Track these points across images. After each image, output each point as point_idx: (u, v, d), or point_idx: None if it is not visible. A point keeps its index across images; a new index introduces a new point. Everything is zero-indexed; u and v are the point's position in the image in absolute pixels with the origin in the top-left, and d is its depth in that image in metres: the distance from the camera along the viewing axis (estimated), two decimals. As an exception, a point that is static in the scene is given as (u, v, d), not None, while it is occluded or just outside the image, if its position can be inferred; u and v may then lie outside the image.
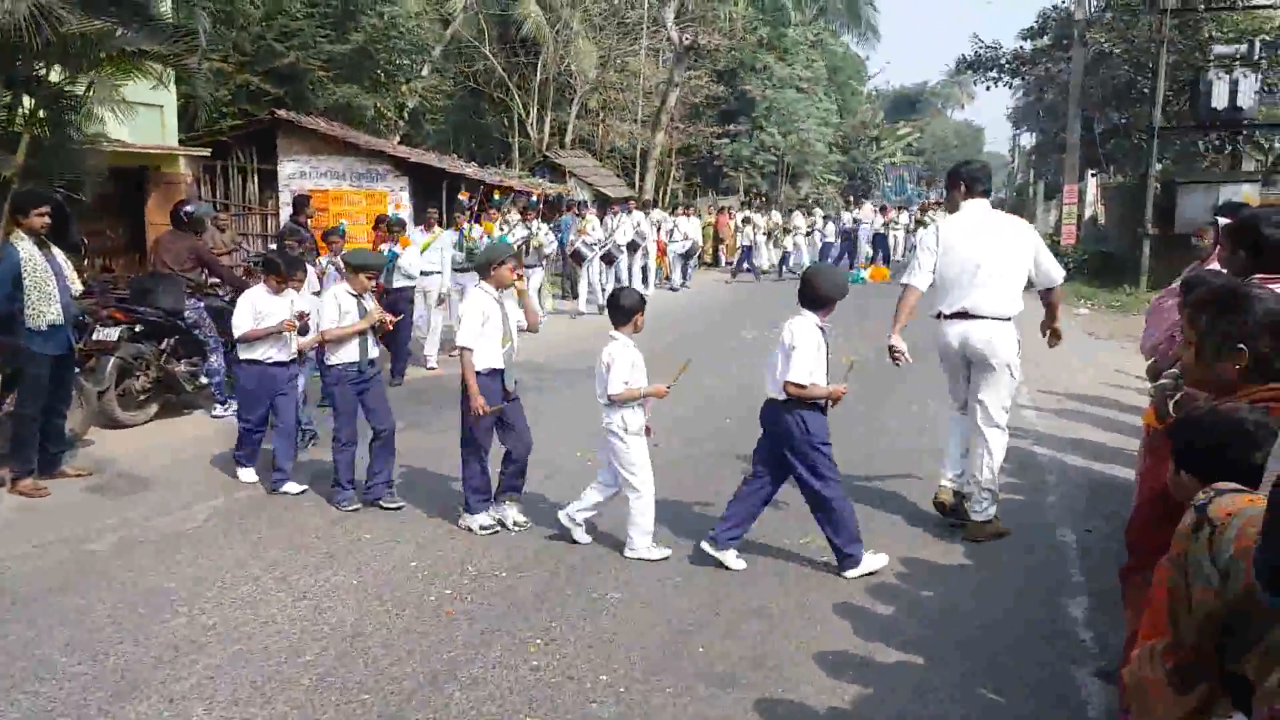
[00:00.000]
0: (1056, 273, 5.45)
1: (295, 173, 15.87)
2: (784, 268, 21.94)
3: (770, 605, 4.46)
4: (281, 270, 6.32)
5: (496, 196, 16.77)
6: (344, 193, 15.57)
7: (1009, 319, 5.24)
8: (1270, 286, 2.70)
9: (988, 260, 5.19)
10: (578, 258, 15.62)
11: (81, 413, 6.91)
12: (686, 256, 19.71)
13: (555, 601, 4.48)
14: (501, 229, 13.20)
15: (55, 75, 7.85)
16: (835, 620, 4.31)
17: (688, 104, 28.55)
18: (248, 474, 6.30)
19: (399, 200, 15.63)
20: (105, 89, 7.67)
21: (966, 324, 5.24)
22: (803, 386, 4.64)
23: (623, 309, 5.04)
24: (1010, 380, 5.34)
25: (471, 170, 18.55)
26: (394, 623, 4.25)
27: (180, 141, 12.76)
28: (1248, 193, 14.89)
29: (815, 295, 4.76)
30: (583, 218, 16.76)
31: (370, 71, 18.76)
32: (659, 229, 19.32)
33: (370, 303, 5.94)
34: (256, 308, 6.21)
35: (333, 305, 5.84)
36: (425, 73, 21.32)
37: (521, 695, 3.65)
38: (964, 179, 5.48)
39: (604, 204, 20.29)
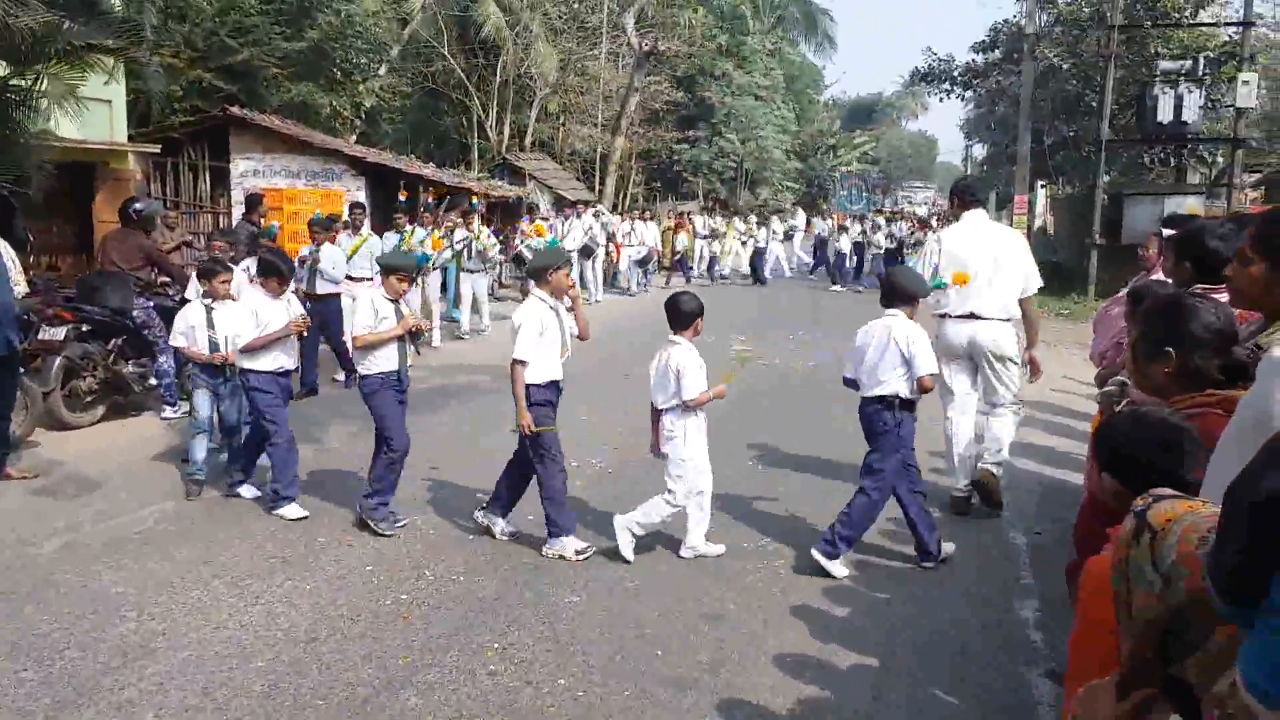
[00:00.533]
0: (1034, 281, 5.91)
1: (248, 170, 15.62)
2: (714, 271, 22.23)
3: (728, 609, 4.48)
4: (282, 273, 5.94)
5: (431, 200, 16.25)
6: (298, 192, 15.36)
7: (1009, 320, 5.83)
8: (1214, 297, 2.79)
9: (990, 265, 5.69)
10: (519, 261, 15.12)
11: (27, 414, 6.74)
12: (643, 262, 19.57)
13: (513, 606, 4.46)
14: (441, 232, 12.71)
15: (1, 69, 7.66)
16: (792, 623, 4.35)
17: (648, 109, 28.66)
18: (250, 490, 5.95)
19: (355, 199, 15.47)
20: (58, 86, 7.49)
21: (975, 324, 5.76)
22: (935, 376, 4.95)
23: (684, 314, 5.01)
24: (1019, 370, 5.95)
25: (430, 171, 18.40)
26: (349, 628, 4.20)
27: (130, 138, 12.50)
28: (1192, 205, 15.31)
29: (906, 293, 5.02)
30: (532, 221, 16.46)
31: (326, 70, 18.55)
32: (613, 233, 19.23)
33: (405, 307, 5.61)
34: (259, 315, 5.79)
35: (368, 310, 5.44)
36: (383, 72, 21.12)
37: (479, 700, 3.63)
38: (960, 193, 6.16)
39: (561, 207, 20.11)
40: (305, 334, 6.19)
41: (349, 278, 9.64)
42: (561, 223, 17.17)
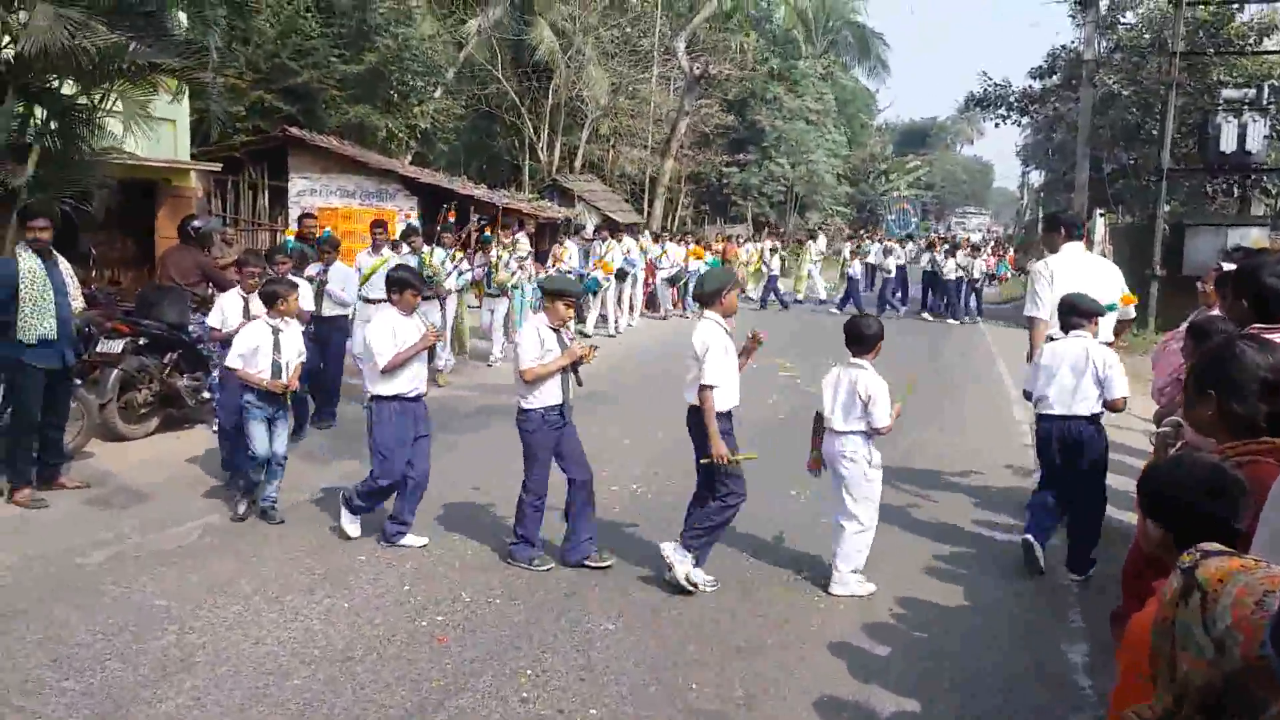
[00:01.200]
0: (1130, 310, 6.60)
1: (305, 189, 15.97)
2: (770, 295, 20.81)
3: (765, 642, 4.41)
4: (415, 286, 5.64)
5: (451, 219, 14.60)
6: (354, 211, 15.67)
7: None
8: (1270, 337, 2.68)
9: (1093, 293, 5.86)
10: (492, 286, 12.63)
11: (82, 424, 6.90)
12: (674, 280, 18.62)
13: (547, 632, 4.43)
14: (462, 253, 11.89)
15: (68, 88, 7.92)
16: (829, 659, 4.26)
17: (697, 132, 28.77)
18: (355, 528, 5.59)
19: (409, 214, 15.69)
20: (130, 105, 7.72)
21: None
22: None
23: (867, 337, 5.00)
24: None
25: (481, 192, 18.62)
26: (384, 648, 4.21)
27: (192, 156, 12.85)
28: (1257, 237, 14.88)
29: (1089, 312, 5.43)
30: (561, 244, 15.67)
31: (383, 92, 18.93)
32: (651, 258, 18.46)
33: (566, 336, 5.27)
34: (395, 332, 5.43)
35: (533, 340, 5.12)
36: (438, 94, 21.49)
37: (510, 727, 3.60)
38: (1064, 224, 6.62)
39: (598, 230, 19.70)
40: (438, 340, 5.95)
41: (366, 299, 9.01)
42: (600, 244, 16.91)
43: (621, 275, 15.86)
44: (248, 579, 4.93)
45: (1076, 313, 5.42)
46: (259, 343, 5.87)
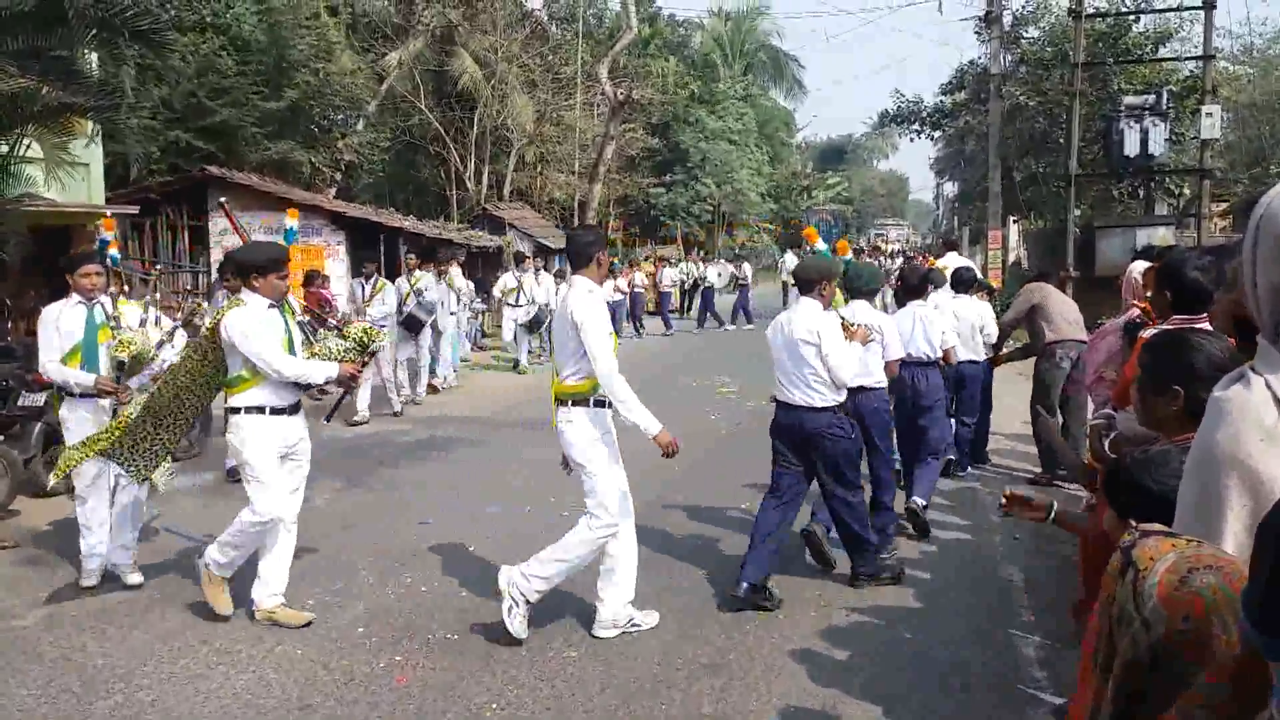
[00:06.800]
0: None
1: (227, 228, 15.59)
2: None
3: (728, 659, 4.42)
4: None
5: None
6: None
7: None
8: (1198, 328, 2.82)
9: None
10: (411, 325, 11.26)
11: (6, 482, 6.63)
12: (532, 327, 14.71)
13: (509, 663, 4.38)
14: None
15: (-22, 135, 7.66)
16: (792, 669, 4.30)
17: (623, 155, 29.00)
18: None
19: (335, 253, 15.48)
20: (49, 149, 7.51)
21: None
22: None
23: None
24: None
25: (410, 223, 18.46)
26: (343, 693, 4.11)
27: (107, 199, 12.49)
28: (1164, 235, 15.56)
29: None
30: (445, 274, 13.08)
31: (304, 127, 18.69)
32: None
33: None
34: None
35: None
36: (360, 127, 21.30)
37: (479, 762, 3.54)
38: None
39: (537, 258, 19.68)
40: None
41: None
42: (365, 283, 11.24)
43: (413, 323, 11.32)
44: (194, 631, 4.77)
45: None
46: None
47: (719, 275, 24.65)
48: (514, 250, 19.06)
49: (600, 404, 4.54)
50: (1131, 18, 19.22)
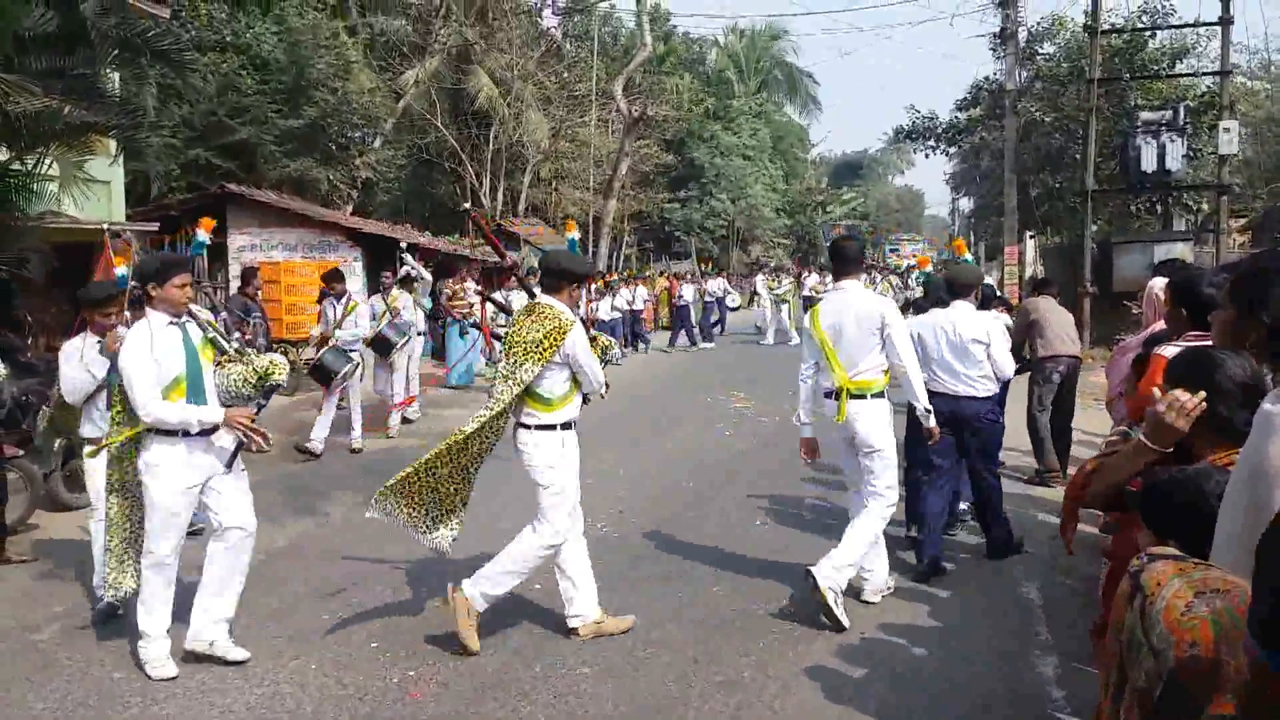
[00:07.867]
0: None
1: (246, 245, 15.78)
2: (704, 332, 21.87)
3: (743, 676, 4.40)
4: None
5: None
6: (295, 264, 15.48)
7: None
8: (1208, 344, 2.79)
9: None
10: (380, 347, 10.51)
11: (25, 496, 6.68)
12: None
13: (522, 679, 4.37)
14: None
15: (1, 154, 7.77)
16: (807, 686, 4.26)
17: (638, 172, 29.12)
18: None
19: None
20: (66, 168, 7.59)
21: None
22: None
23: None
24: None
25: (425, 240, 18.57)
26: (356, 708, 4.11)
27: (128, 217, 12.63)
28: (1182, 250, 15.46)
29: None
30: (411, 290, 11.81)
31: (323, 145, 18.87)
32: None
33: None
34: None
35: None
36: (377, 145, 21.49)
37: (493, 779, 3.53)
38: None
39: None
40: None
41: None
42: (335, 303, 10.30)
43: (382, 345, 10.51)
44: (210, 645, 4.77)
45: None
46: None
47: (726, 290, 24.68)
48: (528, 266, 19.05)
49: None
50: (1148, 33, 19.18)
